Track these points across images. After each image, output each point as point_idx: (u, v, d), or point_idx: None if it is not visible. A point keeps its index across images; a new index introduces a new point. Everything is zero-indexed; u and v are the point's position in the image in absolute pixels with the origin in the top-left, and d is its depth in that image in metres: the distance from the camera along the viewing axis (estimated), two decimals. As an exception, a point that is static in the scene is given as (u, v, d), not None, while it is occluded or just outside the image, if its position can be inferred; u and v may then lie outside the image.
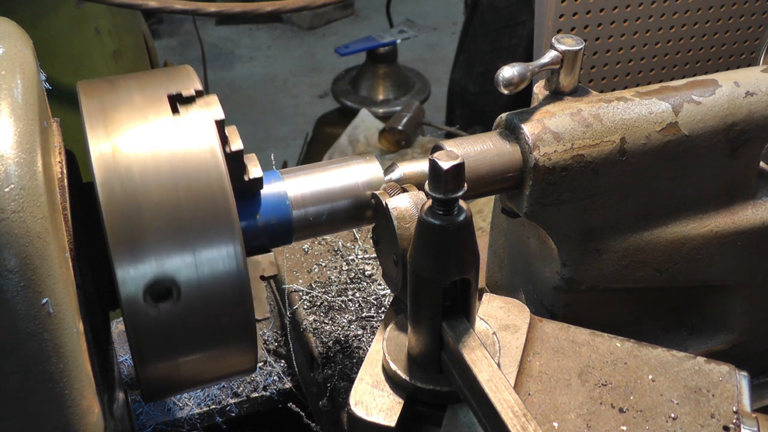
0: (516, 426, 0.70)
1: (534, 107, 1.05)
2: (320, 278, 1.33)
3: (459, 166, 0.72)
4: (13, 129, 0.70)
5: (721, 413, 0.84)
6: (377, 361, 0.87)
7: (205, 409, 1.32)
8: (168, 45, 6.42)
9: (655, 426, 0.83)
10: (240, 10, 2.10)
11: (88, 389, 0.76)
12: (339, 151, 3.64)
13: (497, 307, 0.95)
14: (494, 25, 3.57)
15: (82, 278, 0.83)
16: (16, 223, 0.67)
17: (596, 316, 1.13)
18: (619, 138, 1.02)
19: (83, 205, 0.86)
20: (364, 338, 1.22)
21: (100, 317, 0.92)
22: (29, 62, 0.78)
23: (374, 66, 4.44)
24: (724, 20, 1.63)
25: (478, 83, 3.73)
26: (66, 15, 2.25)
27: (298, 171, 0.97)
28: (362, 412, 0.82)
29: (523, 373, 0.88)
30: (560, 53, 1.03)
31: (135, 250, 0.77)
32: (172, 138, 0.81)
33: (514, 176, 1.02)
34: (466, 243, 0.75)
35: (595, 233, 1.08)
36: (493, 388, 0.73)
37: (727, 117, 1.07)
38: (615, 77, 1.61)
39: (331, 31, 6.83)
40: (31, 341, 0.70)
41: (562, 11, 1.46)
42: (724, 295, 1.21)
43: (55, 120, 0.90)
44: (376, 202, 0.91)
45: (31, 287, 0.68)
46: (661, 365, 0.89)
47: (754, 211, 1.15)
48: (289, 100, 5.91)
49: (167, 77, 0.89)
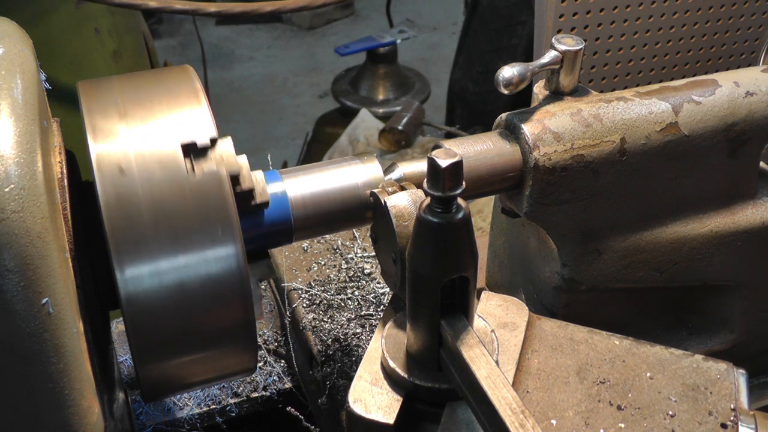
0: (514, 423, 0.70)
1: (534, 107, 1.05)
2: (319, 277, 1.33)
3: (457, 164, 0.72)
4: (13, 129, 0.70)
5: (719, 410, 0.84)
6: (376, 358, 0.87)
7: (205, 409, 1.32)
8: (168, 45, 6.42)
9: (653, 423, 0.83)
10: (240, 10, 2.10)
11: (88, 389, 0.76)
12: (339, 151, 3.64)
13: (496, 305, 0.95)
14: (494, 25, 3.57)
15: (82, 278, 0.83)
16: (16, 223, 0.67)
17: (596, 316, 1.13)
18: (619, 138, 1.02)
19: (83, 205, 0.86)
20: (363, 336, 1.22)
21: (100, 317, 0.92)
22: (29, 62, 0.78)
23: (374, 66, 4.44)
24: (724, 20, 1.63)
25: (478, 83, 3.73)
26: (66, 15, 2.25)
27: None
28: (361, 410, 0.82)
29: (522, 371, 0.88)
30: (560, 53, 1.03)
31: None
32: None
33: (514, 176, 1.02)
34: (465, 241, 0.76)
35: (595, 233, 1.08)
36: (491, 386, 0.73)
37: (727, 117, 1.07)
38: (615, 77, 1.61)
39: (331, 31, 6.83)
40: (31, 341, 0.70)
41: (562, 11, 1.46)
42: (724, 295, 1.21)
43: (55, 120, 0.90)
44: (374, 200, 0.91)
45: (31, 287, 0.68)
46: (659, 363, 0.90)
47: (754, 211, 1.15)
48: (289, 100, 5.91)
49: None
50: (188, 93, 0.86)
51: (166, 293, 0.79)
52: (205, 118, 0.83)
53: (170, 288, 0.79)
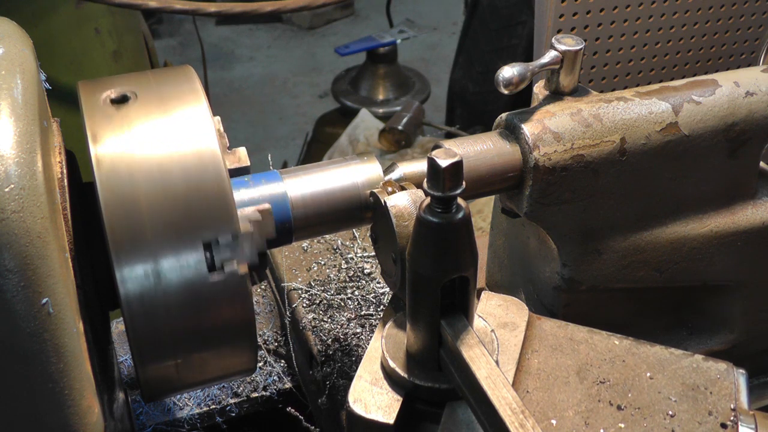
0: (514, 423, 0.70)
1: (534, 107, 1.05)
2: (319, 276, 1.33)
3: (457, 164, 0.72)
4: (13, 129, 0.70)
5: (718, 410, 0.84)
6: (376, 358, 0.87)
7: (205, 409, 1.32)
8: (168, 45, 6.42)
9: (653, 423, 0.83)
10: (240, 10, 2.10)
11: (88, 389, 0.76)
12: (339, 151, 3.64)
13: (495, 305, 0.95)
14: (494, 25, 3.57)
15: (82, 278, 0.83)
16: (16, 223, 0.67)
17: (596, 316, 1.13)
18: (619, 138, 1.02)
19: (83, 205, 0.86)
20: (363, 336, 1.22)
21: (100, 317, 0.92)
22: (29, 62, 0.78)
23: (374, 66, 4.44)
24: (724, 20, 1.63)
25: (478, 83, 3.73)
26: (66, 15, 2.25)
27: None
28: (361, 410, 0.82)
29: (522, 371, 0.88)
30: (560, 53, 1.03)
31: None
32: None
33: (514, 176, 1.02)
34: (465, 241, 0.76)
35: (595, 233, 1.08)
36: (491, 386, 0.73)
37: (727, 117, 1.07)
38: (615, 77, 1.61)
39: (331, 31, 6.84)
40: (31, 341, 0.70)
41: (562, 11, 1.46)
42: (724, 295, 1.21)
43: (55, 120, 0.90)
44: (374, 200, 0.91)
45: (31, 287, 0.68)
46: (659, 363, 0.90)
47: (754, 211, 1.15)
48: (289, 100, 5.91)
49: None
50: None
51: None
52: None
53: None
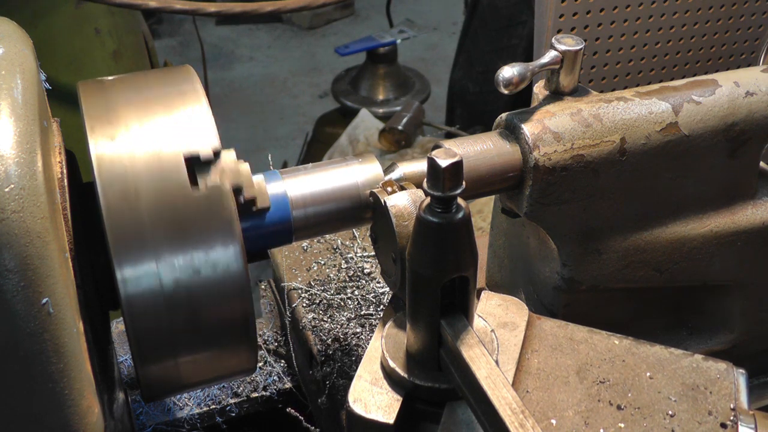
0: (514, 423, 0.70)
1: (534, 107, 1.05)
2: (319, 276, 1.34)
3: (457, 163, 0.72)
4: (13, 129, 0.70)
5: (718, 410, 0.84)
6: (376, 358, 0.87)
7: (205, 409, 1.32)
8: (168, 45, 6.42)
9: (652, 423, 0.83)
10: (240, 10, 2.10)
11: (88, 389, 0.76)
12: (339, 151, 3.64)
13: (495, 305, 0.95)
14: (494, 25, 3.57)
15: (82, 278, 0.83)
16: (16, 223, 0.67)
17: (596, 316, 1.13)
18: (619, 138, 1.02)
19: (83, 205, 0.86)
20: (363, 336, 1.22)
21: (100, 317, 0.92)
22: (29, 62, 0.78)
23: (374, 66, 4.44)
24: (724, 20, 1.63)
25: (478, 83, 3.73)
26: (66, 15, 2.25)
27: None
28: (361, 410, 0.82)
29: (522, 371, 0.88)
30: (560, 53, 1.03)
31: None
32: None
33: (514, 176, 1.02)
34: (465, 241, 0.76)
35: (595, 233, 1.08)
36: (491, 386, 0.73)
37: (727, 117, 1.07)
38: (615, 77, 1.61)
39: (331, 31, 6.83)
40: (31, 341, 0.70)
41: (562, 11, 1.46)
42: (724, 295, 1.21)
43: (55, 120, 0.90)
44: (374, 200, 0.91)
45: (31, 287, 0.68)
46: (658, 362, 0.90)
47: (754, 211, 1.15)
48: (289, 100, 5.91)
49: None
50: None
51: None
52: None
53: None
